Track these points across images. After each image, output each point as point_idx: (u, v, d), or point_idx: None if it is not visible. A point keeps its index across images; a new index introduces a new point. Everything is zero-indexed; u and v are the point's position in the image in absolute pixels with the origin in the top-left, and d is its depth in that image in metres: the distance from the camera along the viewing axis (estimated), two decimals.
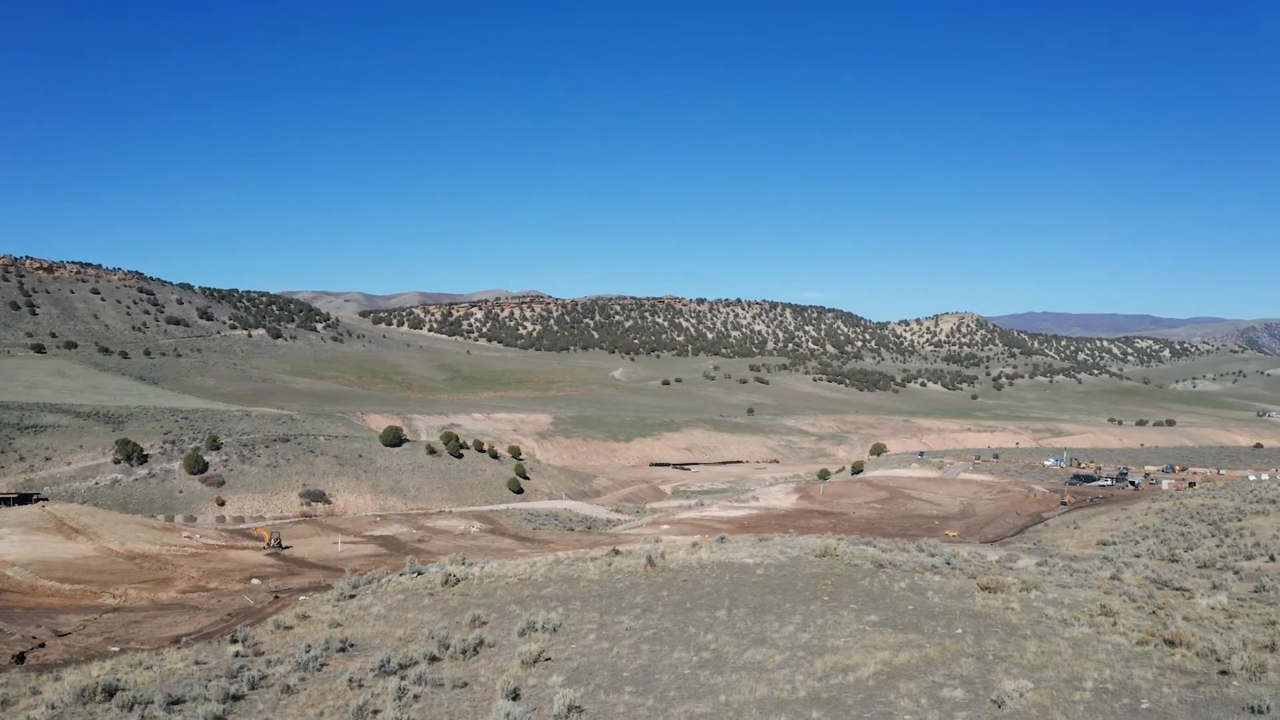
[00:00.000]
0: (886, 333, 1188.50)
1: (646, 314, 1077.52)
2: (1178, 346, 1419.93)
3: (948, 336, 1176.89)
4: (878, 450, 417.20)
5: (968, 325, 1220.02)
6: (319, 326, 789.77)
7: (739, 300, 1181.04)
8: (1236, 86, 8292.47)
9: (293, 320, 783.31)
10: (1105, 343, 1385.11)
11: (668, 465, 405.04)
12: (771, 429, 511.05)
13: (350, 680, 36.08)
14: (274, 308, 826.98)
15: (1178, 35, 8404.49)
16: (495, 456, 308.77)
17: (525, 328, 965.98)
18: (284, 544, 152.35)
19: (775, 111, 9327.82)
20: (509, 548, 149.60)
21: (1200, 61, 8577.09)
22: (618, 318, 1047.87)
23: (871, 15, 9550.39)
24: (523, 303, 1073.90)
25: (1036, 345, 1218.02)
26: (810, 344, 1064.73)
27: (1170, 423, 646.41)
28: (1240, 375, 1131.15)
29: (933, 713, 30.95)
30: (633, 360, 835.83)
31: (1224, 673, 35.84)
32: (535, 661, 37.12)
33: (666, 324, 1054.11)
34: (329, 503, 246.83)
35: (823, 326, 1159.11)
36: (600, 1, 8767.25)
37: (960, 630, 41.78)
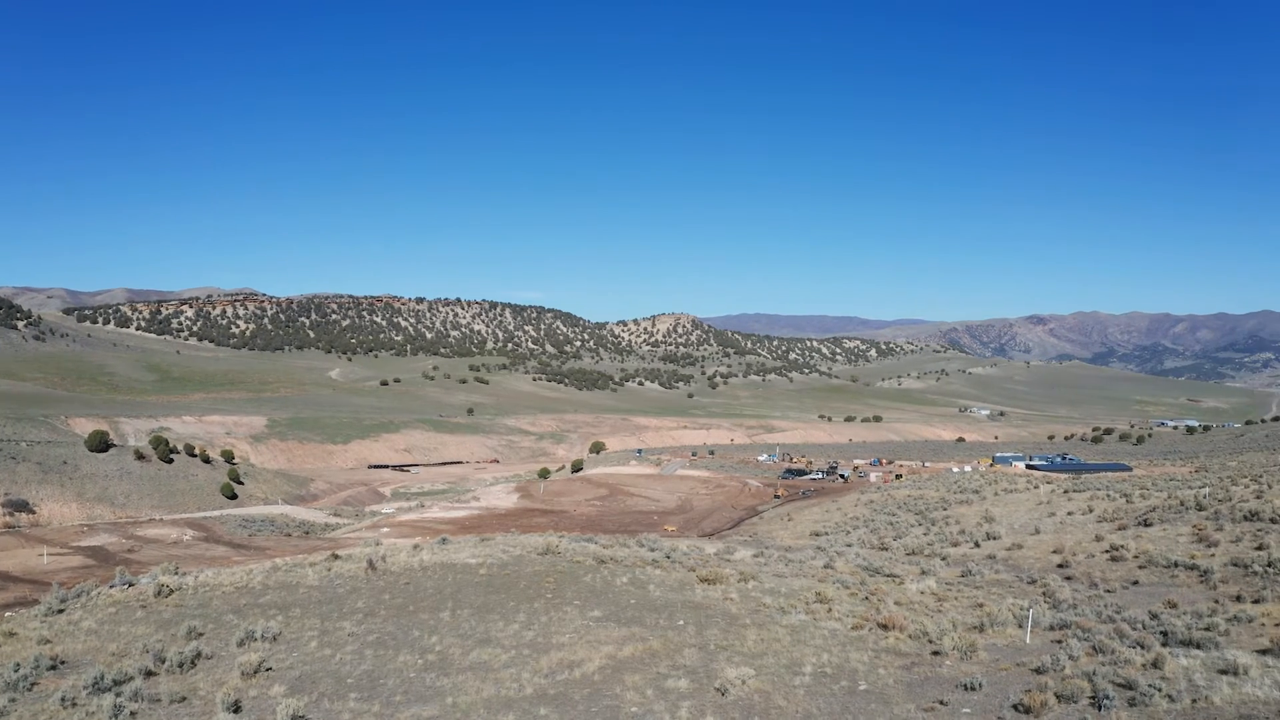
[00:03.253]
0: (605, 333, 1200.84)
1: (364, 313, 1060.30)
2: (884, 347, 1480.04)
3: (665, 336, 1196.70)
4: (597, 448, 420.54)
5: (684, 326, 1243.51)
6: (20, 324, 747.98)
7: (458, 300, 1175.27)
8: (939, 98, 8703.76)
9: None
10: (815, 343, 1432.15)
11: (387, 467, 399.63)
12: (492, 429, 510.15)
13: (63, 699, 34.35)
14: None
15: (904, 40, 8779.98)
16: (208, 461, 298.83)
17: (238, 326, 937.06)
18: None
19: (494, 110, 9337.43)
20: (224, 555, 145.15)
21: (898, 74, 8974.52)
22: (335, 317, 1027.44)
23: (561, 10, 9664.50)
24: (235, 300, 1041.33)
25: (750, 345, 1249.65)
26: (530, 344, 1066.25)
27: (877, 419, 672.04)
28: (943, 374, 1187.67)
29: (658, 703, 31.39)
30: (350, 360, 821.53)
31: (936, 653, 37.49)
32: (256, 672, 36.10)
33: (385, 323, 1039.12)
34: (33, 512, 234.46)
35: (542, 326, 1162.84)
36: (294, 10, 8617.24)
37: (682, 622, 42.51)
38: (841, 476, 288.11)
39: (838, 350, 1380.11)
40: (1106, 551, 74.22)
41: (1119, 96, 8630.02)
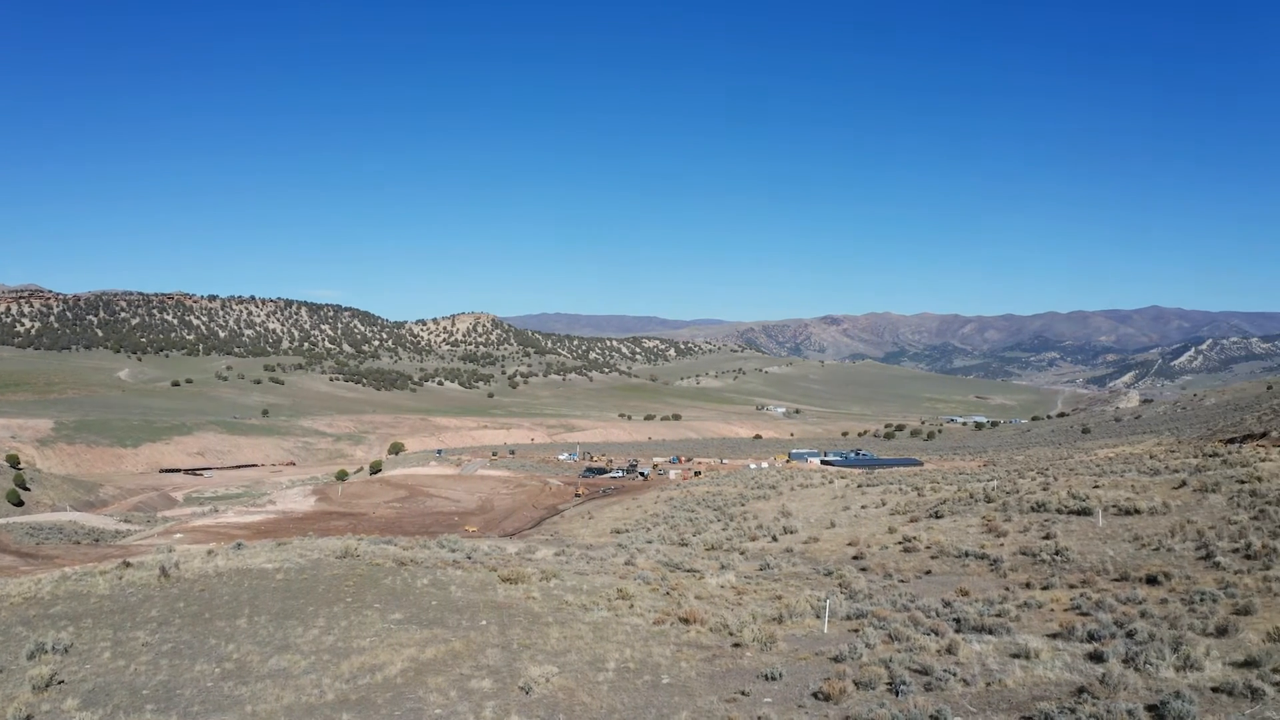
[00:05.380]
0: (404, 332, 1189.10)
1: (155, 311, 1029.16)
2: (683, 346, 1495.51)
3: (464, 336, 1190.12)
4: (396, 449, 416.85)
5: (484, 325, 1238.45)
6: None
7: (253, 298, 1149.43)
8: (734, 96, 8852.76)
9: None
10: (615, 342, 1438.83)
11: (179, 471, 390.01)
12: (288, 430, 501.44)
13: None
14: None
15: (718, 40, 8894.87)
16: None
17: (23, 325, 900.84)
18: None
19: (281, 107, 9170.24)
20: (10, 565, 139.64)
21: (688, 69, 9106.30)
22: (124, 315, 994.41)
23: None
24: (19, 297, 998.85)
25: (550, 345, 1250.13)
26: (327, 343, 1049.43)
27: (676, 417, 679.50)
28: (740, 373, 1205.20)
29: (463, 704, 31.43)
30: (140, 360, 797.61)
31: (737, 645, 38.28)
32: (47, 685, 35.03)
33: (177, 322, 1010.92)
34: None
35: (339, 325, 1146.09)
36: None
37: (485, 622, 42.55)
38: (641, 474, 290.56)
39: (637, 350, 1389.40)
40: (900, 543, 76.36)
41: (909, 98, 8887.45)
